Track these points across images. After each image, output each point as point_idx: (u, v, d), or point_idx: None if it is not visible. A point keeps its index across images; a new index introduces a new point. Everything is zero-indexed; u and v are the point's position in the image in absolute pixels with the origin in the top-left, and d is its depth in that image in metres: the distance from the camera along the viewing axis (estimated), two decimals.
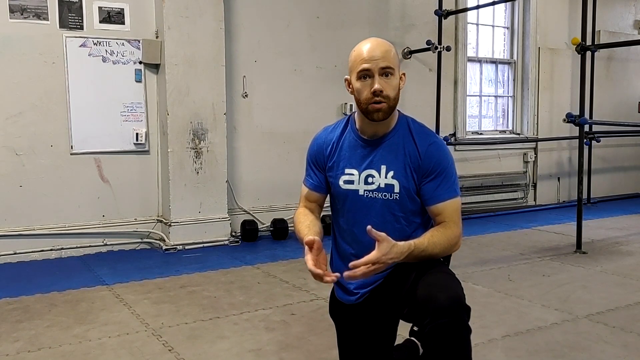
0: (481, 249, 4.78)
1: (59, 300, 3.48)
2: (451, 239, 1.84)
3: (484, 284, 3.73)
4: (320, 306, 3.29)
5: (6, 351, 2.70)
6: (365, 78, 1.85)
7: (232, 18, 5.17)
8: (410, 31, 6.17)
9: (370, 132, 1.95)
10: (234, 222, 5.21)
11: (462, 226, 1.90)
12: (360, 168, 1.95)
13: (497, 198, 6.88)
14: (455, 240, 1.86)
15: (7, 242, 4.43)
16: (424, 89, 6.18)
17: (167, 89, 4.75)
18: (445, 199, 1.88)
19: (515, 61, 7.15)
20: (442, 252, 1.85)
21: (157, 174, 4.98)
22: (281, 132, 5.50)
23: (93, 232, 4.73)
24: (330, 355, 2.59)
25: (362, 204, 1.94)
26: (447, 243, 1.83)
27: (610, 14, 7.73)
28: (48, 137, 4.55)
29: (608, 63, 7.74)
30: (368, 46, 1.85)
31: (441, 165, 1.89)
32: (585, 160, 6.00)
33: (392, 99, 1.86)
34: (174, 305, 3.37)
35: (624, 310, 3.25)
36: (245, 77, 5.30)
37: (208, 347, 2.75)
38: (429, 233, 1.84)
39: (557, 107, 7.19)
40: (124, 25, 4.77)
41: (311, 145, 2.09)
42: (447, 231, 1.84)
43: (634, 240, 5.09)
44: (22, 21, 4.40)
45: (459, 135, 6.60)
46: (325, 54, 5.63)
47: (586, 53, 4.77)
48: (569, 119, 4.92)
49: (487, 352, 2.64)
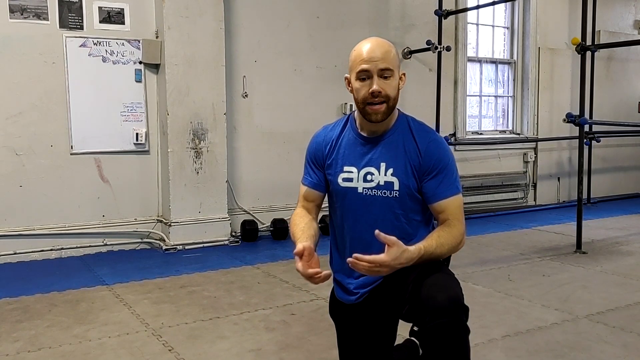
0: (481, 249, 4.78)
1: (59, 300, 3.48)
2: (457, 238, 1.84)
3: (484, 284, 3.73)
4: (320, 306, 3.29)
5: (6, 351, 2.70)
6: (364, 79, 1.85)
7: (232, 18, 5.17)
8: (410, 31, 6.17)
9: (369, 130, 1.95)
10: (234, 222, 5.21)
11: (465, 223, 1.89)
12: (359, 166, 1.94)
13: (497, 198, 6.88)
14: (461, 238, 1.85)
15: (7, 242, 4.43)
16: (424, 89, 6.18)
17: (167, 89, 4.75)
18: (447, 196, 1.87)
19: (515, 61, 7.15)
20: (448, 252, 1.85)
21: (157, 174, 4.98)
22: (281, 132, 5.50)
23: (93, 232, 4.73)
24: (330, 355, 2.59)
25: (361, 202, 1.93)
26: (453, 242, 1.83)
27: (610, 14, 7.73)
28: (48, 137, 4.55)
29: (608, 63, 7.74)
30: (368, 46, 1.85)
31: (442, 163, 1.89)
32: (585, 160, 6.00)
33: (392, 99, 1.86)
34: (174, 305, 3.37)
35: (624, 310, 3.25)
36: (245, 77, 5.30)
37: (208, 347, 2.75)
38: (436, 234, 1.83)
39: (557, 107, 7.19)
40: (124, 25, 4.77)
41: (310, 143, 2.09)
42: (452, 230, 1.84)
43: (634, 240, 5.09)
44: (22, 21, 4.40)
45: (459, 135, 6.60)
46: (325, 54, 5.63)
47: (586, 53, 4.77)
48: (569, 119, 4.92)
49: (487, 352, 2.64)
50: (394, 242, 1.66)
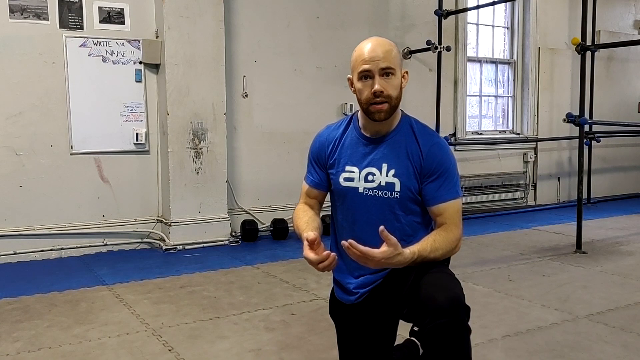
0: (481, 249, 4.78)
1: (59, 300, 3.48)
2: (452, 242, 1.84)
3: (484, 284, 3.73)
4: (320, 306, 3.29)
5: (6, 351, 2.70)
6: (366, 79, 1.85)
7: (232, 18, 5.17)
8: (410, 31, 6.17)
9: (372, 130, 1.95)
10: (234, 222, 5.21)
11: (462, 228, 1.90)
12: (361, 166, 1.94)
13: (497, 198, 6.88)
14: (456, 243, 1.86)
15: (7, 242, 4.43)
16: (424, 89, 6.18)
17: (167, 89, 4.75)
18: (446, 199, 1.88)
19: (515, 61, 7.15)
20: (443, 256, 1.85)
21: (157, 174, 4.98)
22: (281, 132, 5.50)
23: (93, 232, 4.73)
24: (330, 355, 2.59)
25: (362, 202, 1.93)
26: (448, 247, 1.83)
27: (610, 14, 7.73)
28: (48, 137, 4.55)
29: (608, 63, 7.74)
30: (369, 46, 1.85)
31: (443, 166, 1.89)
32: (585, 160, 6.00)
33: (394, 99, 1.87)
34: (174, 305, 3.37)
35: (624, 310, 3.25)
36: (245, 77, 5.30)
37: (208, 347, 2.75)
38: (431, 238, 1.83)
39: (557, 107, 7.19)
40: (124, 25, 4.77)
41: (313, 142, 2.09)
42: (448, 235, 1.84)
43: (634, 240, 5.09)
44: (22, 21, 4.40)
45: (459, 135, 6.60)
46: (325, 54, 5.63)
47: (586, 53, 4.77)
48: (569, 119, 4.92)
49: (487, 352, 2.64)
50: (394, 243, 1.67)
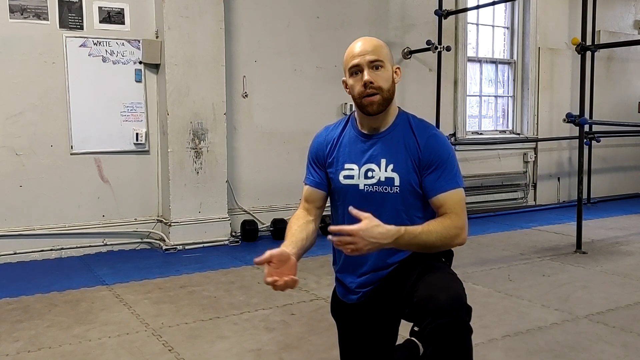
0: (481, 249, 4.78)
1: (59, 300, 3.48)
2: (449, 229, 1.78)
3: (484, 284, 3.73)
4: (320, 306, 3.29)
5: (6, 351, 2.70)
6: (357, 74, 1.88)
7: (232, 18, 5.17)
8: (410, 31, 6.17)
9: (369, 126, 1.96)
10: (234, 222, 5.21)
11: (466, 219, 1.84)
12: (360, 162, 1.94)
13: (497, 198, 6.88)
14: (456, 231, 1.79)
15: (7, 242, 4.43)
16: (424, 89, 6.18)
17: (167, 89, 4.75)
18: (446, 189, 1.85)
19: (515, 61, 7.15)
20: (439, 242, 1.78)
21: (157, 174, 4.98)
22: (281, 132, 5.50)
23: (93, 232, 4.73)
24: (330, 355, 2.59)
25: (362, 199, 1.92)
26: (444, 232, 1.78)
27: (610, 14, 7.73)
28: (48, 137, 4.55)
29: (608, 63, 7.74)
30: (358, 44, 1.90)
31: (441, 157, 1.88)
32: (585, 160, 6.00)
33: (385, 91, 1.87)
34: (174, 305, 3.37)
35: (624, 310, 3.25)
36: (245, 77, 5.30)
37: (208, 347, 2.75)
38: (426, 222, 1.81)
39: (557, 107, 7.19)
40: (124, 25, 4.77)
41: (312, 143, 2.10)
42: (445, 220, 1.80)
43: (634, 240, 5.09)
44: (22, 21, 4.40)
45: (459, 135, 6.60)
46: (325, 54, 5.63)
47: (586, 53, 4.77)
48: (569, 119, 4.92)
49: (487, 352, 2.64)
50: (366, 216, 1.69)
